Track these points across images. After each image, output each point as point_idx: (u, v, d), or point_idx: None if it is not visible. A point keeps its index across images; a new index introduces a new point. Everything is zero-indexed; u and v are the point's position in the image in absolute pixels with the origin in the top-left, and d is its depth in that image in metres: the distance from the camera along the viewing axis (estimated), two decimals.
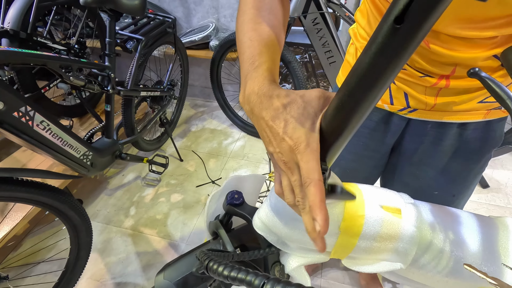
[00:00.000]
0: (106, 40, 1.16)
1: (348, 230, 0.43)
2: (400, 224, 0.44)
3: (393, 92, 0.58)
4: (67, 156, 1.03)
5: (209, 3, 1.95)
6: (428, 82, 0.52)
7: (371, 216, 0.43)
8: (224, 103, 2.07)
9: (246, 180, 0.60)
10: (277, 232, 0.46)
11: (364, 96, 0.25)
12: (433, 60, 0.49)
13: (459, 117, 0.56)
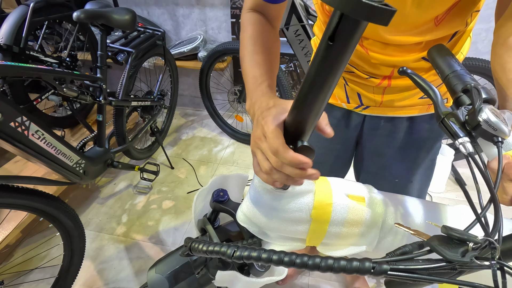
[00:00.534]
0: (98, 53, 1.21)
1: (318, 218, 0.50)
2: (364, 210, 0.50)
3: (349, 93, 0.68)
4: (60, 165, 1.07)
5: (197, 16, 2.03)
6: (373, 82, 0.61)
7: (338, 204, 0.49)
8: (214, 112, 2.13)
9: (230, 178, 0.66)
10: (258, 222, 0.52)
11: (313, 97, 0.31)
12: (374, 64, 0.59)
13: (405, 111, 0.66)
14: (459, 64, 0.42)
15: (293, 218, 0.50)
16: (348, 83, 0.67)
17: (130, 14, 1.20)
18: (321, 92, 0.31)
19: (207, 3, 1.96)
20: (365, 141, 0.76)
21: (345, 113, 0.73)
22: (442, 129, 0.40)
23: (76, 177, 1.18)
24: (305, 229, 0.51)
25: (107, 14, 1.13)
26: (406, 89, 0.62)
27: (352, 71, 0.64)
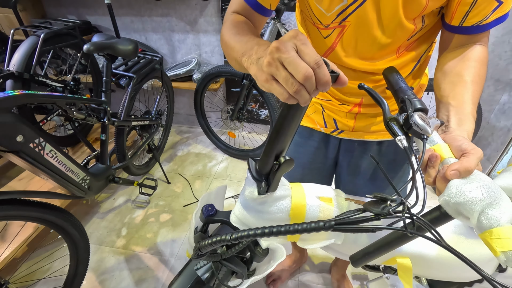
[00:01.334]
0: (103, 79, 1.34)
1: (295, 216, 0.62)
2: (331, 210, 0.63)
3: (326, 118, 0.80)
4: (68, 180, 1.17)
5: (192, 41, 2.20)
6: (345, 108, 0.74)
7: (311, 205, 0.62)
8: (208, 129, 2.26)
9: (213, 193, 0.78)
10: (248, 223, 0.64)
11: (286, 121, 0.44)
12: (346, 92, 0.71)
13: (375, 136, 0.77)
14: (403, 82, 0.55)
15: (275, 218, 0.62)
16: (325, 110, 0.79)
17: (133, 44, 1.35)
18: (292, 120, 0.44)
19: (200, 29, 2.13)
20: (342, 161, 0.87)
21: (323, 136, 0.84)
22: (387, 129, 0.49)
23: (81, 192, 1.28)
24: None
25: (112, 45, 1.27)
26: (374, 116, 0.73)
27: (330, 99, 0.76)
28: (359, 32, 0.60)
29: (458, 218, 0.41)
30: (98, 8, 2.19)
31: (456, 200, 0.39)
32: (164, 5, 2.08)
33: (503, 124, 1.97)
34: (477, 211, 0.38)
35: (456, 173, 0.39)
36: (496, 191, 0.39)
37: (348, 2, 0.57)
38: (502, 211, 0.37)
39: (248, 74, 1.75)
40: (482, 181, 0.39)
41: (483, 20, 0.54)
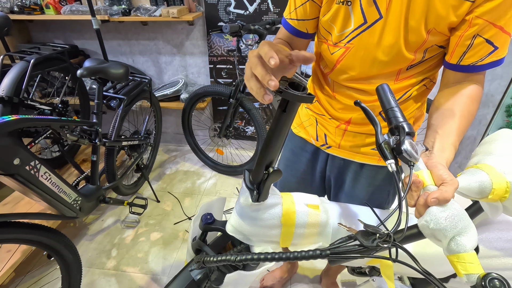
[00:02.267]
0: (95, 101, 1.38)
1: (286, 222, 0.68)
2: (318, 215, 0.70)
3: (318, 132, 0.86)
4: (61, 202, 1.18)
5: (178, 63, 2.29)
6: (334, 123, 0.81)
7: (300, 211, 0.69)
8: (196, 147, 2.31)
9: (213, 204, 0.83)
10: (243, 231, 0.70)
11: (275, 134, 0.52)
12: (338, 108, 0.78)
13: (358, 157, 0.83)
14: (395, 101, 0.55)
15: (268, 225, 0.68)
16: (318, 123, 0.86)
17: (124, 68, 1.41)
18: (280, 134, 0.52)
19: (187, 52, 2.22)
20: (328, 176, 0.93)
21: (315, 149, 0.90)
22: (378, 151, 0.53)
23: (73, 213, 1.28)
24: (278, 232, 0.69)
25: (104, 69, 1.32)
26: (360, 135, 0.79)
27: (323, 113, 0.83)
28: (361, 54, 0.67)
29: (431, 239, 0.47)
30: (86, 33, 2.25)
31: (433, 226, 0.44)
32: (151, 30, 2.16)
33: (470, 134, 2.15)
34: (448, 237, 0.44)
35: (436, 201, 0.43)
36: (466, 221, 0.44)
37: (354, 26, 0.65)
38: (469, 239, 0.43)
39: (235, 92, 1.84)
40: (456, 210, 0.44)
41: (478, 61, 0.60)
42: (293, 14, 0.73)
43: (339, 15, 0.66)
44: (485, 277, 0.40)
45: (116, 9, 1.92)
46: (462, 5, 0.56)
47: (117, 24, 2.15)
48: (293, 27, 0.74)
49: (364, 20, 0.63)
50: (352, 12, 0.64)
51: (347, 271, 1.18)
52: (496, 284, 0.39)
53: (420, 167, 0.49)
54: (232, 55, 2.13)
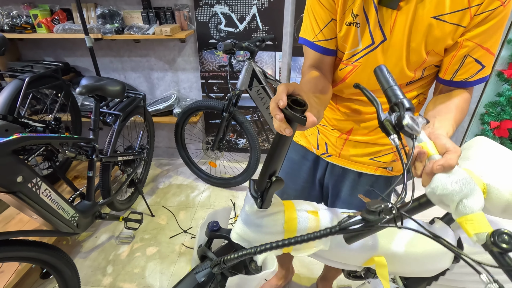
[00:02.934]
0: (92, 118, 1.41)
1: (289, 228, 0.73)
2: (318, 220, 0.75)
3: (319, 141, 0.92)
4: (59, 218, 1.18)
5: (170, 78, 2.34)
6: (336, 133, 0.87)
7: (301, 217, 0.74)
8: (189, 160, 2.34)
9: (219, 212, 0.87)
10: (247, 238, 0.74)
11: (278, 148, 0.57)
12: (341, 119, 0.85)
13: (357, 167, 0.89)
14: (393, 80, 0.57)
15: (272, 231, 0.72)
16: (320, 133, 0.92)
17: (120, 86, 1.44)
18: (282, 147, 0.58)
19: (179, 68, 2.28)
20: (327, 183, 0.98)
21: (315, 158, 0.95)
22: (381, 128, 0.55)
23: (70, 229, 1.28)
24: (280, 238, 0.74)
25: (103, 87, 1.36)
26: (359, 145, 0.84)
27: (325, 124, 0.89)
28: (368, 72, 0.73)
29: (439, 205, 0.50)
30: (77, 50, 2.27)
31: (440, 192, 0.46)
32: (144, 47, 2.21)
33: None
34: (456, 201, 0.45)
35: (441, 168, 0.45)
36: (471, 184, 0.46)
37: (362, 46, 0.72)
38: (476, 201, 0.45)
39: (228, 106, 1.90)
40: (461, 175, 0.46)
41: (469, 78, 0.68)
42: (320, 36, 0.76)
43: (349, 35, 0.72)
44: (494, 234, 0.41)
45: (109, 27, 1.97)
46: (457, 30, 0.64)
47: (110, 42, 2.19)
48: (324, 47, 0.77)
49: (372, 41, 0.70)
50: (360, 34, 0.71)
51: (343, 277, 1.22)
52: (505, 239, 0.40)
53: (423, 139, 0.51)
54: (223, 70, 2.20)
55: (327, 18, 0.73)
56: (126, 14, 2.05)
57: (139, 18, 2.03)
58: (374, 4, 0.66)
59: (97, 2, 2.06)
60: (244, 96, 2.12)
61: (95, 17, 2.04)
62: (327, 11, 0.72)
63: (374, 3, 0.66)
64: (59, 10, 2.05)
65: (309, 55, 0.80)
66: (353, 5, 0.68)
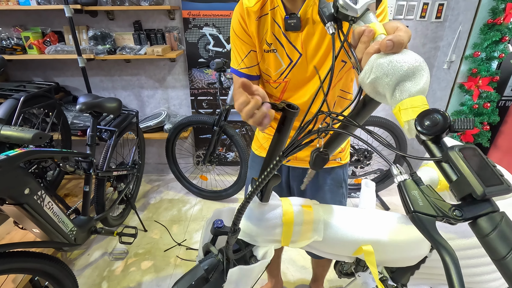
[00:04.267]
0: (89, 133, 1.46)
1: (286, 221, 0.82)
2: (311, 213, 0.84)
3: None
4: (58, 231, 1.20)
5: (160, 96, 2.42)
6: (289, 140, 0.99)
7: (297, 211, 0.83)
8: (180, 175, 2.38)
9: (223, 211, 0.95)
10: (250, 232, 0.82)
11: (276, 148, 0.67)
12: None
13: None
14: None
15: (272, 224, 0.81)
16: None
17: (117, 102, 1.51)
18: (279, 147, 0.68)
19: (169, 86, 2.37)
20: (292, 186, 1.10)
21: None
22: (320, 17, 0.49)
23: (67, 244, 1.30)
24: (279, 231, 0.82)
25: (101, 104, 1.42)
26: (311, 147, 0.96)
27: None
28: (297, 84, 0.88)
29: (376, 98, 0.41)
30: (67, 71, 2.32)
31: (372, 75, 0.37)
32: (134, 66, 2.30)
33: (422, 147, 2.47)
34: (392, 85, 0.37)
35: (391, 44, 0.36)
36: (416, 62, 0.36)
37: (284, 66, 0.86)
38: (417, 83, 0.36)
39: (219, 121, 2.00)
40: (404, 55, 0.37)
41: None
42: (242, 64, 0.89)
43: (270, 60, 0.86)
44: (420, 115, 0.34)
45: (101, 48, 2.05)
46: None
47: (100, 62, 2.26)
48: (247, 74, 0.90)
49: (290, 60, 0.84)
50: (280, 56, 0.85)
51: (335, 277, 1.29)
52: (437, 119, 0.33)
53: (372, 19, 0.43)
54: (212, 87, 2.31)
55: (246, 50, 0.86)
56: (118, 35, 2.14)
57: (131, 39, 2.13)
58: (283, 32, 0.81)
59: (89, 25, 2.15)
60: (232, 111, 2.23)
61: (87, 38, 2.12)
62: (246, 44, 0.86)
63: (282, 31, 0.80)
64: (50, 32, 2.12)
65: (237, 81, 0.92)
66: (265, 36, 0.83)
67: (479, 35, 1.96)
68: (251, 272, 0.80)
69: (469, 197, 0.31)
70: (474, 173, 0.30)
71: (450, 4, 2.11)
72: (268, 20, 0.81)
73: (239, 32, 0.85)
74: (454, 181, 0.32)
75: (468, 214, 0.30)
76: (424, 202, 0.33)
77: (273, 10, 0.81)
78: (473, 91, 2.03)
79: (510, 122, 2.09)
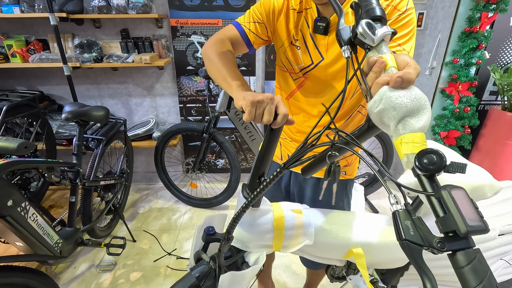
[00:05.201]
0: (76, 142, 1.43)
1: (277, 226, 0.82)
2: (302, 218, 0.85)
3: (282, 153, 1.06)
4: (43, 244, 1.16)
5: (149, 104, 2.40)
6: (294, 145, 1.00)
7: (288, 215, 0.84)
8: (169, 183, 2.36)
9: (215, 218, 0.95)
10: (241, 238, 0.82)
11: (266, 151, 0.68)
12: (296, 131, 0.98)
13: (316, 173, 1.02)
14: None
15: (263, 230, 0.81)
16: (282, 146, 1.05)
17: (104, 111, 1.49)
18: (269, 151, 0.69)
19: (157, 93, 2.36)
20: (292, 190, 1.10)
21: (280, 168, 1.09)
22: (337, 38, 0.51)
23: (53, 256, 1.26)
24: (271, 236, 0.82)
25: (87, 112, 1.40)
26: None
27: (286, 138, 1.02)
28: (314, 84, 0.88)
29: (380, 126, 0.45)
30: (52, 79, 2.28)
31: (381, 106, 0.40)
32: (122, 75, 2.28)
33: None
34: (396, 118, 0.40)
35: (400, 80, 0.40)
36: (421, 101, 0.40)
37: (305, 64, 0.87)
38: (420, 120, 0.39)
39: (208, 128, 2.00)
40: (411, 91, 0.40)
41: None
42: (249, 26, 0.87)
43: (294, 53, 0.87)
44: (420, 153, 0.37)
45: (87, 56, 2.03)
46: None
47: (87, 70, 2.23)
48: (246, 34, 0.87)
49: (312, 61, 0.86)
50: (301, 55, 0.86)
51: (327, 283, 1.30)
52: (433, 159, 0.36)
53: (384, 51, 0.45)
54: (201, 94, 2.32)
55: (261, 20, 0.87)
56: (105, 43, 2.13)
57: (118, 47, 2.12)
58: (310, 33, 0.83)
59: (75, 33, 2.12)
60: (221, 118, 2.23)
61: (73, 46, 2.09)
62: (265, 17, 0.86)
63: (309, 32, 0.83)
64: (35, 40, 2.08)
65: (232, 31, 0.87)
66: (294, 31, 0.85)
67: (458, 43, 2.05)
68: (242, 278, 0.80)
69: (452, 232, 0.35)
70: (460, 213, 0.34)
71: (429, 13, 2.21)
72: (302, 18, 0.84)
73: (267, 9, 0.86)
74: (441, 216, 0.36)
75: (449, 247, 0.35)
76: (415, 232, 0.37)
77: (306, 10, 0.83)
78: (454, 96, 2.11)
79: (489, 125, 2.18)
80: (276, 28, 0.88)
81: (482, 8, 1.90)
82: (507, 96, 2.08)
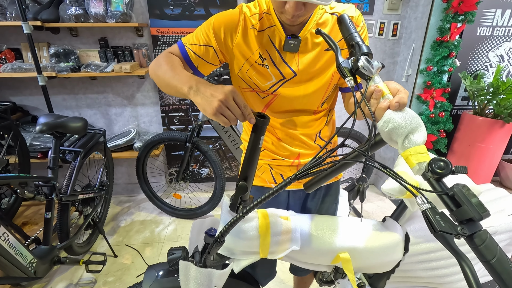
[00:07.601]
0: (51, 155, 1.36)
1: (263, 233, 0.81)
2: (289, 223, 0.85)
3: (274, 176, 1.00)
4: (15, 265, 1.09)
5: (129, 113, 2.34)
6: (287, 162, 0.97)
7: (274, 222, 0.83)
8: (152, 194, 2.29)
9: (206, 222, 0.92)
10: (228, 245, 0.80)
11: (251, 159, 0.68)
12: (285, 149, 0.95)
13: None
14: (354, 28, 0.61)
15: (249, 236, 0.80)
16: (273, 168, 0.97)
17: (82, 122, 1.44)
18: (254, 156, 0.68)
19: (138, 103, 2.31)
20: (291, 206, 1.06)
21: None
22: (339, 71, 0.59)
23: (26, 278, 1.18)
24: (257, 243, 0.81)
25: (64, 124, 1.34)
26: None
27: (275, 157, 0.97)
28: (285, 98, 0.88)
29: (388, 142, 0.55)
30: (25, 89, 2.18)
31: (391, 126, 0.51)
32: (100, 84, 2.22)
33: (389, 156, 2.62)
34: (403, 135, 0.50)
35: (397, 105, 0.51)
36: (418, 120, 0.51)
37: (275, 80, 0.85)
38: (420, 135, 0.51)
39: (191, 137, 1.97)
40: (408, 113, 0.52)
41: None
42: (192, 48, 0.81)
43: (261, 73, 0.84)
44: (431, 161, 0.47)
45: (64, 66, 1.96)
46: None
47: (63, 80, 2.16)
48: (188, 56, 0.81)
49: (283, 77, 0.84)
50: (271, 72, 0.84)
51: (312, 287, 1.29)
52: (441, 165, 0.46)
53: (377, 81, 0.57)
54: (183, 103, 2.29)
55: (208, 44, 0.81)
56: (82, 52, 2.07)
57: (96, 56, 2.07)
58: (278, 51, 0.81)
59: (50, 42, 2.05)
60: (205, 127, 2.22)
61: (48, 55, 2.02)
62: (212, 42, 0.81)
63: (277, 51, 0.80)
64: (6, 49, 2.00)
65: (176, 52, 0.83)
66: (260, 50, 0.81)
67: (430, 51, 2.16)
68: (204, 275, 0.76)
69: (466, 220, 0.44)
70: (472, 204, 0.44)
71: (403, 23, 2.31)
72: (265, 36, 0.81)
73: (218, 31, 0.80)
74: (457, 209, 0.45)
75: (469, 231, 0.44)
76: (445, 224, 0.45)
77: (269, 29, 0.80)
78: (429, 102, 2.21)
79: (462, 129, 2.29)
80: (233, 51, 0.82)
81: (451, 19, 2.02)
82: (477, 101, 2.20)
